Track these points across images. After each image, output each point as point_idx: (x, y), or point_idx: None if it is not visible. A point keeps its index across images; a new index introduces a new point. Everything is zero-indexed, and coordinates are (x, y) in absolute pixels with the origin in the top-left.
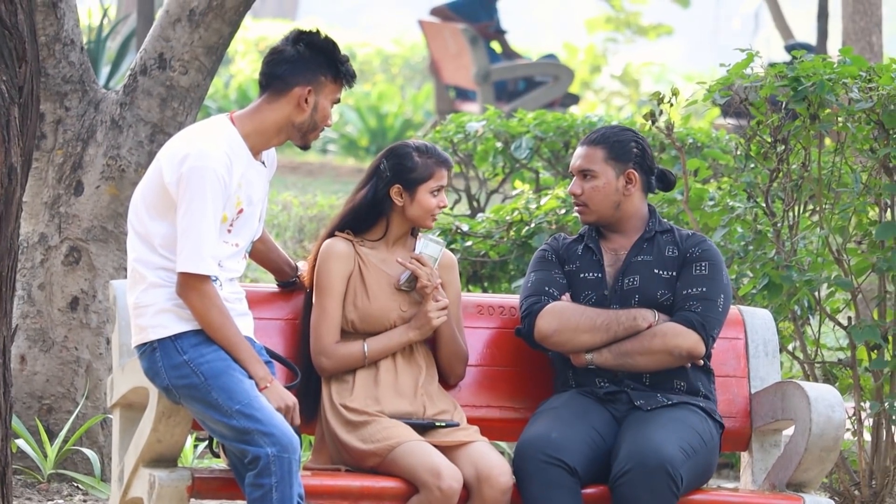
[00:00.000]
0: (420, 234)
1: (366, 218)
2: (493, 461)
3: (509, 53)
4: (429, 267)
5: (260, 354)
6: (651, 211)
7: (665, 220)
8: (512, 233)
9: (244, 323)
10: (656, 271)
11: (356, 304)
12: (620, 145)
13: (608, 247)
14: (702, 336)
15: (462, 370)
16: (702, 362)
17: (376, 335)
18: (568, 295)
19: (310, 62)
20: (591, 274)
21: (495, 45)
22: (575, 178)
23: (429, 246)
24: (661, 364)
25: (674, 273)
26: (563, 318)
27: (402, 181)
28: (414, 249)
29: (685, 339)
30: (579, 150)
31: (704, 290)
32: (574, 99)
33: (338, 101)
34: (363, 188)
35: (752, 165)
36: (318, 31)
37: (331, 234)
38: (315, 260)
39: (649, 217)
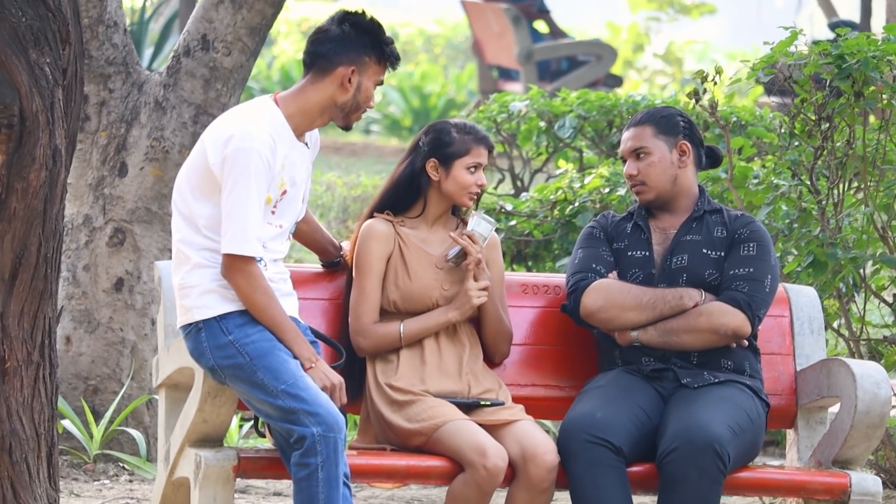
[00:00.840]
0: (474, 212)
1: (404, 194)
2: (538, 440)
3: (556, 32)
4: (478, 245)
5: (305, 334)
6: (701, 191)
7: (714, 200)
8: (556, 212)
9: (289, 303)
10: (705, 251)
11: (397, 285)
12: (667, 120)
13: (657, 225)
14: (748, 316)
15: (507, 349)
16: (747, 342)
17: (418, 315)
18: (615, 272)
19: (354, 42)
20: (638, 252)
21: (538, 25)
22: (628, 160)
23: (481, 224)
24: (707, 343)
25: (722, 253)
26: (609, 295)
27: (438, 155)
28: (455, 230)
29: (731, 318)
30: (627, 133)
31: (752, 270)
32: (618, 81)
33: (381, 82)
34: (402, 164)
35: (797, 143)
36: (363, 12)
37: (371, 215)
38: (356, 240)
39: (699, 196)
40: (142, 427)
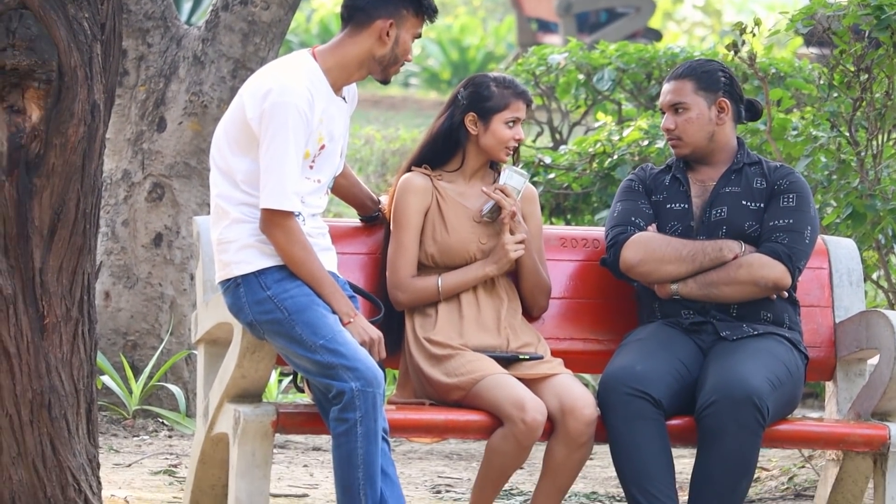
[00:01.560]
0: (505, 165)
1: (443, 148)
2: (577, 393)
3: None
4: (512, 198)
5: (343, 289)
6: (740, 143)
7: (753, 152)
8: (595, 165)
9: (327, 258)
10: (744, 203)
11: (435, 238)
12: (708, 75)
13: (696, 178)
14: (788, 267)
15: (545, 302)
16: (786, 294)
17: (456, 269)
18: (654, 225)
19: None
20: (677, 205)
21: None
22: (666, 113)
23: (513, 177)
24: (747, 295)
25: (761, 205)
26: (648, 248)
27: (476, 109)
28: (493, 183)
29: (771, 269)
30: (667, 86)
31: (791, 221)
32: (657, 35)
33: (419, 35)
34: (441, 117)
35: (836, 95)
36: None
37: (409, 169)
38: (394, 194)
39: (738, 149)
40: (181, 382)
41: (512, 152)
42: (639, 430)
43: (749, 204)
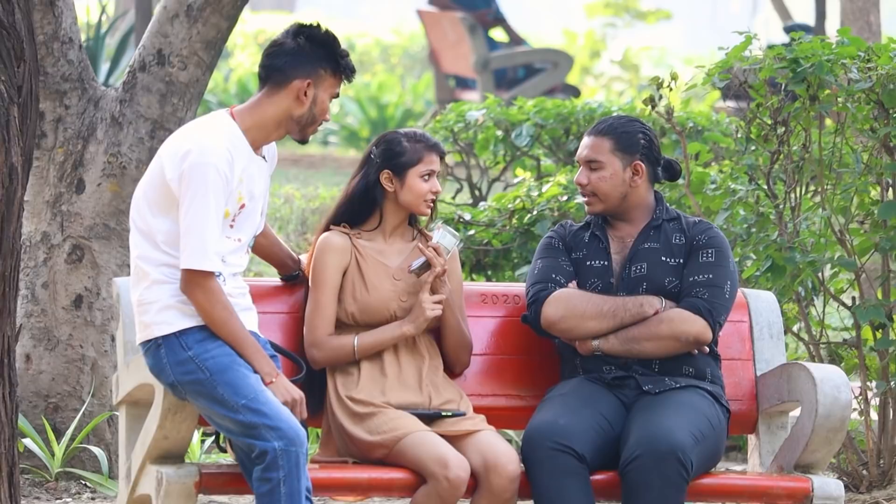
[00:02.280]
0: (440, 224)
1: (360, 208)
2: (500, 450)
3: (515, 39)
4: (443, 258)
5: (264, 348)
6: (658, 199)
7: (672, 207)
8: (514, 221)
9: (248, 318)
10: (663, 259)
11: (355, 297)
12: (627, 136)
13: (615, 234)
14: (709, 322)
15: (467, 359)
16: (708, 349)
17: (376, 327)
18: (574, 282)
19: (310, 55)
20: (597, 262)
21: (495, 33)
22: (581, 167)
23: (446, 237)
24: (668, 350)
25: (681, 260)
26: (569, 304)
27: (391, 166)
28: (413, 240)
29: (692, 325)
30: (586, 140)
31: (711, 276)
32: (575, 92)
33: (337, 95)
34: (356, 177)
35: (753, 148)
36: (318, 25)
37: (327, 228)
38: (313, 253)
39: (656, 205)
40: (103, 444)
41: (432, 206)
42: (564, 485)
43: (668, 260)
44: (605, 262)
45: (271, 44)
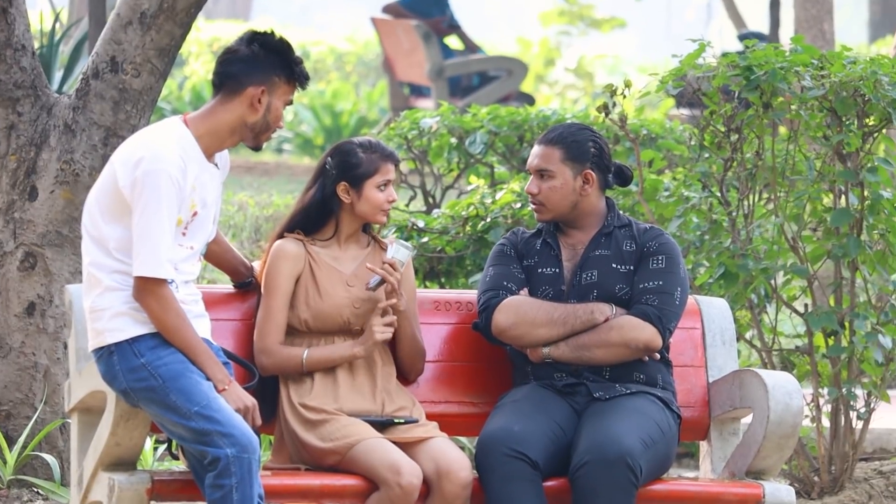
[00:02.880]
0: (392, 238)
1: (316, 218)
2: (452, 456)
3: (471, 47)
4: (399, 272)
5: (217, 355)
6: (610, 205)
7: (623, 213)
8: (468, 228)
9: (201, 325)
10: (614, 266)
11: (308, 303)
12: (578, 146)
13: (566, 242)
14: (658, 329)
15: (421, 366)
16: (659, 355)
17: (329, 335)
18: (526, 290)
19: (264, 62)
20: (548, 269)
21: (450, 41)
22: (532, 176)
23: (400, 251)
24: (619, 357)
25: (631, 267)
26: (520, 312)
27: (347, 178)
28: (367, 245)
29: (642, 332)
30: (536, 149)
31: (661, 283)
32: (530, 100)
33: (290, 102)
34: (311, 188)
35: (707, 155)
36: (272, 32)
37: (281, 235)
38: (266, 260)
39: (607, 212)
40: (55, 452)
41: (387, 214)
42: (516, 491)
43: (619, 267)
44: (557, 270)
45: (225, 51)
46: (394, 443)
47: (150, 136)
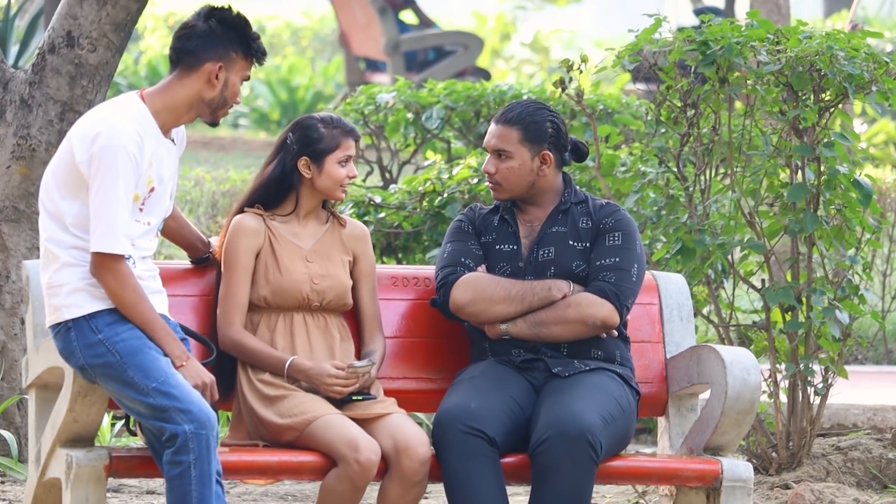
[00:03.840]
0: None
1: (276, 193)
2: (410, 432)
3: (425, 22)
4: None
5: (175, 331)
6: (567, 181)
7: (581, 189)
8: (425, 203)
9: (158, 300)
10: (571, 243)
11: (268, 279)
12: (536, 126)
13: (524, 218)
14: (616, 306)
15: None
16: (616, 332)
17: (287, 310)
18: (484, 266)
19: (221, 38)
20: (506, 246)
21: (405, 16)
22: (489, 155)
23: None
24: (576, 334)
25: (588, 244)
26: (477, 288)
27: (309, 153)
28: (326, 222)
29: (599, 309)
30: (494, 128)
31: (618, 260)
32: (486, 75)
33: (248, 78)
34: (271, 163)
35: (663, 130)
36: (229, 8)
37: (241, 210)
38: (225, 236)
39: (564, 188)
40: (13, 428)
41: (345, 190)
42: (473, 468)
43: (575, 244)
44: (514, 247)
45: (182, 26)
46: (352, 419)
47: (107, 111)
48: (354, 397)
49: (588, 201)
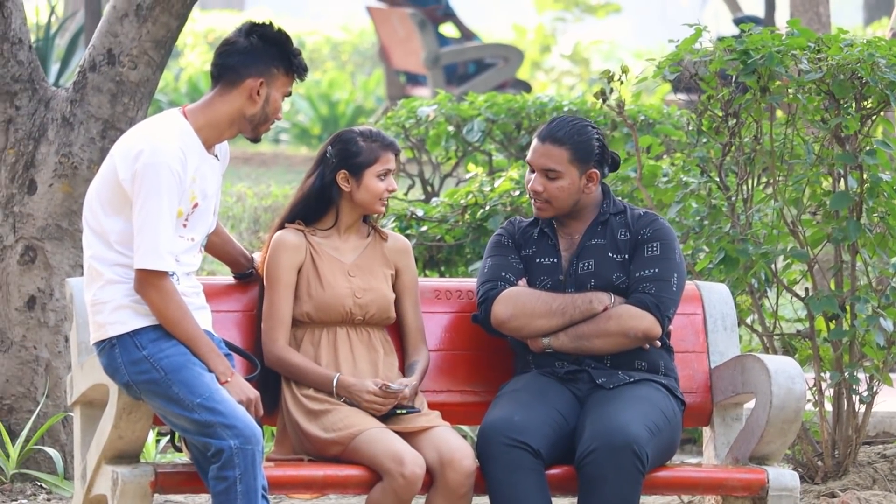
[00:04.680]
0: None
1: (316, 207)
2: (455, 445)
3: (467, 34)
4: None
5: (219, 347)
6: (605, 192)
7: (619, 198)
8: (467, 216)
9: (202, 316)
10: (610, 255)
11: (310, 294)
12: (584, 146)
13: (563, 231)
14: (657, 317)
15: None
16: (659, 343)
17: (331, 325)
18: (524, 280)
19: (262, 54)
20: (546, 259)
21: (445, 29)
22: (536, 174)
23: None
24: (618, 346)
25: (626, 256)
26: (518, 303)
27: (347, 166)
28: (368, 236)
29: (640, 321)
30: (540, 147)
31: (657, 270)
32: (526, 87)
33: (289, 93)
34: (311, 177)
35: (705, 140)
36: (270, 24)
37: (282, 226)
38: (267, 251)
39: (603, 199)
40: (58, 445)
41: (386, 204)
42: (519, 480)
43: (615, 256)
44: (555, 260)
45: (224, 42)
46: (396, 433)
47: (150, 128)
48: (399, 411)
49: (626, 211)
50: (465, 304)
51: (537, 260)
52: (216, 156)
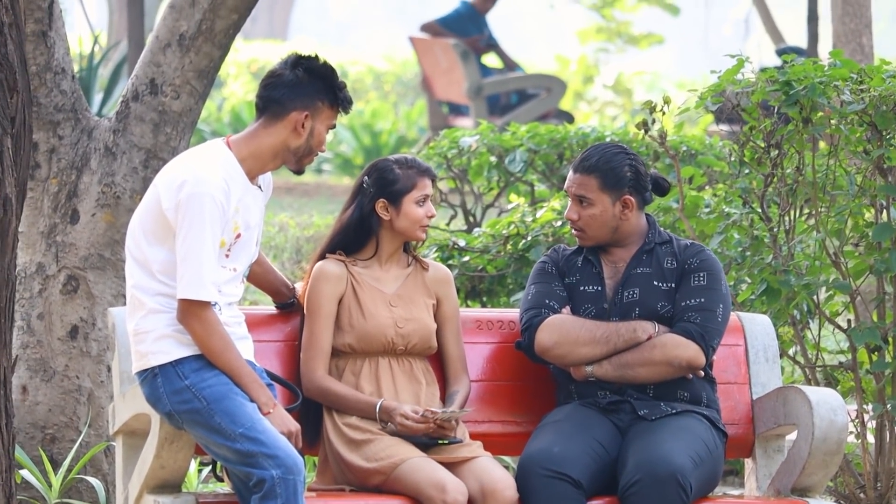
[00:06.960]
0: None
1: (356, 237)
2: (497, 476)
3: (510, 65)
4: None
5: (261, 377)
6: (650, 222)
7: (665, 229)
8: (509, 246)
9: (244, 346)
10: (655, 283)
11: (352, 324)
12: (613, 173)
13: (608, 259)
14: (701, 347)
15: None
16: (702, 373)
17: (373, 355)
18: (568, 308)
19: (307, 87)
20: (590, 287)
21: (488, 59)
22: (571, 202)
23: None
24: (662, 375)
25: (673, 284)
26: (562, 330)
27: (386, 195)
28: (408, 266)
29: (685, 350)
30: (573, 176)
31: (703, 300)
32: (569, 118)
33: (334, 126)
34: (349, 208)
35: (747, 171)
36: (316, 56)
37: (322, 256)
38: (308, 282)
39: (648, 229)
40: (100, 475)
41: (426, 230)
42: None
43: (661, 284)
44: (599, 288)
45: (269, 74)
46: (439, 462)
47: (194, 158)
48: (440, 441)
49: (672, 242)
50: (506, 334)
51: (581, 288)
52: (259, 186)
